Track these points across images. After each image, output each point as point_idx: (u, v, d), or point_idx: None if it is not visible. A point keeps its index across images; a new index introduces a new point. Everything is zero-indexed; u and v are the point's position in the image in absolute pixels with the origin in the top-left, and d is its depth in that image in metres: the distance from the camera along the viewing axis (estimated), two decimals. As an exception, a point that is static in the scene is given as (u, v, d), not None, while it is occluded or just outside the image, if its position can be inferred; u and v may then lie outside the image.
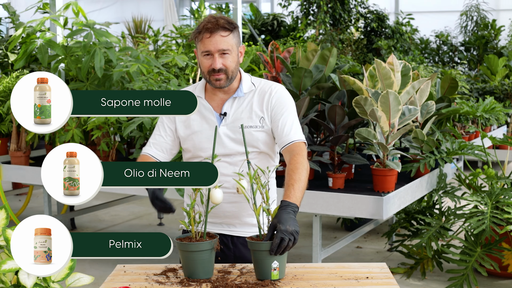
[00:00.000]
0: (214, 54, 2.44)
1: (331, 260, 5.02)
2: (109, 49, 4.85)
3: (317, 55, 4.44)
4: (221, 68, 2.45)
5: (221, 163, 2.49)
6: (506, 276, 4.71)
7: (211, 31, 2.43)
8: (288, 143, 2.50)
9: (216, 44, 2.43)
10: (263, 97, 2.55)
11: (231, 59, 2.47)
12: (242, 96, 2.55)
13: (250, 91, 2.56)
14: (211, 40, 2.43)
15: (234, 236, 2.60)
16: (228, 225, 2.60)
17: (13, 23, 5.96)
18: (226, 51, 2.44)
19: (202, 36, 2.45)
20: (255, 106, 2.54)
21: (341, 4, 8.92)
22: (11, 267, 2.03)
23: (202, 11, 5.81)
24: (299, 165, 2.42)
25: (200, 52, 2.47)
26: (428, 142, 4.38)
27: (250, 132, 2.51)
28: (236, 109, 2.54)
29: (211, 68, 2.45)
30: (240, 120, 2.52)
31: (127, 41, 7.81)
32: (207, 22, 2.44)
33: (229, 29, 2.45)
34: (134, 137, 4.79)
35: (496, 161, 4.93)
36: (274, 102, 2.53)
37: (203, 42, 2.45)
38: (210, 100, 2.57)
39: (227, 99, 2.55)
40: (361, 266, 2.45)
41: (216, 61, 2.44)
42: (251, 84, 2.57)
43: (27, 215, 2.82)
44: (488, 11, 11.06)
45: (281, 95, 2.55)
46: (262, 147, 2.54)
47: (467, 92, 6.72)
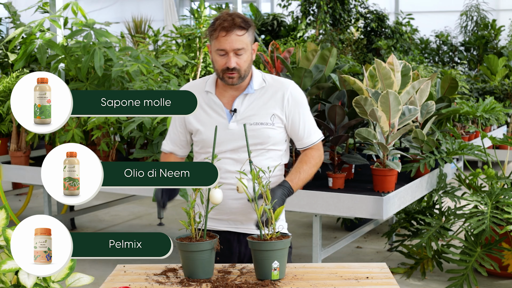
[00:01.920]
0: (229, 53, 2.44)
1: (331, 260, 5.02)
2: (109, 49, 4.84)
3: (317, 55, 4.44)
4: (235, 67, 2.45)
5: (228, 160, 2.51)
6: (506, 276, 4.71)
7: (227, 30, 2.42)
8: (308, 145, 2.61)
9: (232, 44, 2.43)
10: (275, 94, 2.55)
11: (245, 58, 2.47)
12: (253, 93, 2.55)
13: (261, 87, 2.56)
14: (226, 39, 2.42)
15: (240, 233, 2.60)
16: (234, 222, 2.60)
17: (14, 23, 5.96)
18: (241, 50, 2.45)
19: (218, 34, 2.44)
20: (266, 103, 2.54)
21: (341, 4, 8.92)
22: (11, 267, 2.03)
23: (202, 11, 5.81)
24: (313, 160, 2.57)
25: (215, 49, 2.47)
26: (428, 142, 4.38)
27: (260, 129, 2.52)
28: (246, 106, 2.54)
29: (225, 66, 2.46)
30: (250, 117, 2.52)
31: (127, 41, 7.81)
32: (223, 21, 2.43)
33: (245, 28, 2.45)
34: (134, 137, 4.79)
35: (496, 161, 4.93)
36: (291, 102, 2.55)
37: (218, 40, 2.44)
38: (220, 96, 2.57)
39: (238, 95, 2.55)
40: (361, 266, 2.45)
41: (231, 60, 2.44)
42: (262, 80, 2.57)
43: (27, 215, 2.82)
44: (488, 11, 11.05)
45: (296, 94, 2.58)
46: (271, 145, 2.55)
47: (467, 92, 6.72)
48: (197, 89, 2.59)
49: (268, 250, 2.21)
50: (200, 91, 2.57)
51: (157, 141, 4.37)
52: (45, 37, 5.10)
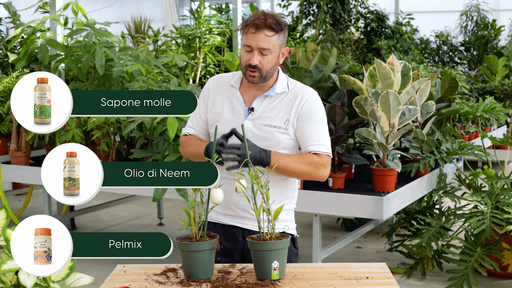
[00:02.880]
0: (254, 51, 2.48)
1: (331, 260, 5.02)
2: (109, 48, 4.84)
3: (317, 55, 4.44)
4: (257, 66, 2.48)
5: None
6: (506, 276, 4.71)
7: (257, 28, 2.46)
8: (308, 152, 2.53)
9: (258, 42, 2.46)
10: (294, 100, 2.56)
11: (269, 59, 2.49)
12: (274, 96, 2.57)
13: (283, 92, 2.58)
14: (254, 36, 2.46)
15: (246, 229, 2.61)
16: (241, 218, 2.61)
17: (14, 23, 5.96)
18: (266, 50, 2.47)
19: (248, 30, 2.48)
20: (284, 107, 2.56)
21: (341, 4, 8.91)
22: (11, 267, 2.03)
23: (202, 11, 5.81)
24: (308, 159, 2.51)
25: (243, 44, 2.52)
26: (428, 142, 4.38)
27: (273, 132, 2.54)
28: (264, 107, 2.56)
29: (248, 63, 2.49)
30: (265, 118, 2.55)
31: (127, 41, 7.81)
32: (256, 18, 2.48)
33: (276, 30, 2.48)
34: (134, 137, 4.79)
35: (496, 161, 4.93)
36: (305, 109, 2.55)
37: (247, 36, 2.49)
38: (243, 93, 2.61)
39: (259, 95, 2.58)
40: (361, 266, 2.45)
41: (254, 57, 2.47)
42: (286, 86, 2.59)
43: (27, 215, 2.82)
44: (488, 11, 11.05)
45: (313, 104, 2.56)
46: (280, 149, 2.55)
47: (467, 92, 6.72)
48: (224, 81, 2.64)
49: (267, 250, 2.21)
50: (226, 84, 2.63)
51: (157, 141, 4.36)
52: (46, 37, 5.10)
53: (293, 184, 2.67)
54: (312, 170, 2.51)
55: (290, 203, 2.66)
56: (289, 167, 2.48)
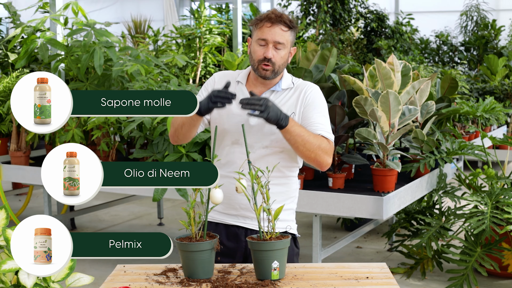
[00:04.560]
0: (269, 44, 2.50)
1: (331, 260, 5.02)
2: (109, 48, 4.84)
3: (317, 55, 4.44)
4: (271, 59, 2.50)
5: (239, 154, 2.51)
6: (506, 276, 4.71)
7: (273, 22, 2.49)
8: None
9: (274, 35, 2.48)
10: (299, 94, 2.59)
11: (282, 54, 2.52)
12: (279, 91, 2.59)
13: (288, 88, 2.60)
14: (270, 30, 2.49)
15: (248, 229, 2.61)
16: (244, 218, 2.61)
17: (14, 23, 5.96)
18: (280, 45, 2.50)
19: (263, 24, 2.50)
20: (289, 101, 2.58)
21: (341, 4, 8.91)
22: (11, 267, 2.03)
23: (202, 11, 5.81)
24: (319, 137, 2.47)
25: (256, 39, 2.53)
26: (428, 142, 4.38)
27: None
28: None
29: (262, 56, 2.50)
30: None
31: (127, 41, 7.81)
32: (271, 13, 2.51)
33: (290, 27, 2.51)
34: (134, 137, 4.79)
35: (496, 161, 4.93)
36: (309, 100, 2.57)
37: (262, 30, 2.50)
38: (250, 88, 2.61)
39: (265, 91, 2.60)
40: (361, 266, 2.45)
41: (269, 51, 2.49)
42: (291, 82, 2.62)
43: (27, 215, 2.82)
44: (488, 11, 11.05)
45: (317, 96, 2.59)
46: (285, 146, 2.54)
47: (467, 92, 6.73)
48: (230, 77, 2.65)
49: (267, 250, 2.21)
50: (233, 80, 2.64)
51: (157, 141, 4.36)
52: (46, 36, 5.10)
53: (294, 183, 2.68)
54: (321, 151, 2.47)
55: (292, 203, 2.67)
56: (303, 136, 2.44)
